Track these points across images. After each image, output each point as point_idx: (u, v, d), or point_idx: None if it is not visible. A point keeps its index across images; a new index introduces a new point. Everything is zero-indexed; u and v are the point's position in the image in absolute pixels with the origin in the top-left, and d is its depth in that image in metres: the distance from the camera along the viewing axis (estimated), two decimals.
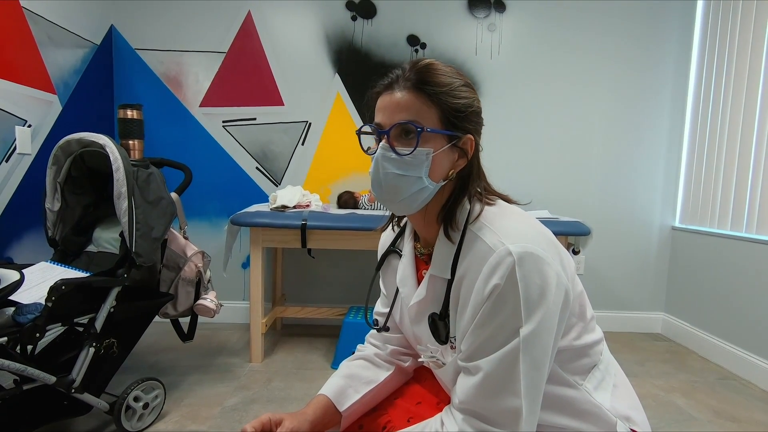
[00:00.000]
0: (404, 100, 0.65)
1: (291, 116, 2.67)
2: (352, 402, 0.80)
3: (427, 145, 0.66)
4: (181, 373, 2.00)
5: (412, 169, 0.66)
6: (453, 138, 0.67)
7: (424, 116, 0.65)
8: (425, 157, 0.66)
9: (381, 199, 0.71)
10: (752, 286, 2.11)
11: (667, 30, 2.65)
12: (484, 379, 0.62)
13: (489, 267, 0.61)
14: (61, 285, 1.23)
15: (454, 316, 0.69)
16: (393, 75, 0.68)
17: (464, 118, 0.68)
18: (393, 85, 0.67)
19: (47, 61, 2.07)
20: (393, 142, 0.67)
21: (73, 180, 1.63)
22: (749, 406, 1.85)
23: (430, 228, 0.74)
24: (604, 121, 2.70)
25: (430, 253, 0.74)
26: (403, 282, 0.79)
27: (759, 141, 2.11)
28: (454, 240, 0.68)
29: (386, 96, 0.68)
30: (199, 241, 2.47)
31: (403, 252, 0.81)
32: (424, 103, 0.65)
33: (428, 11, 2.62)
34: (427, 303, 0.73)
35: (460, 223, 0.69)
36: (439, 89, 0.65)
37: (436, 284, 0.71)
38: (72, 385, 1.30)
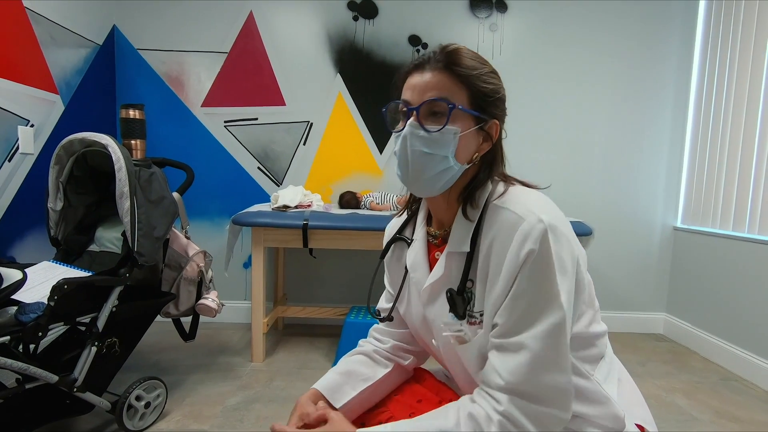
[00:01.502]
0: (435, 80, 0.66)
1: (293, 116, 2.67)
2: (349, 399, 0.79)
3: (456, 125, 0.67)
4: (183, 372, 2.01)
5: (440, 148, 0.67)
6: (480, 121, 0.69)
7: (454, 96, 0.66)
8: (453, 137, 0.67)
9: (405, 179, 0.71)
10: (754, 287, 2.11)
11: (669, 29, 2.65)
12: (533, 357, 0.60)
13: (522, 233, 0.62)
14: (63, 284, 1.24)
15: (482, 289, 0.67)
16: (423, 57, 0.69)
17: (491, 103, 0.69)
18: (423, 65, 0.68)
19: (50, 61, 2.08)
20: (422, 119, 0.67)
21: (75, 179, 1.63)
22: (751, 407, 1.85)
23: (450, 210, 0.74)
24: (606, 120, 2.69)
25: (444, 236, 0.75)
26: (415, 266, 0.78)
27: (761, 141, 2.11)
28: (472, 218, 0.69)
29: (416, 75, 0.68)
30: (201, 241, 2.47)
31: (414, 237, 0.80)
32: (455, 84, 0.66)
33: (430, 11, 2.62)
34: (445, 280, 0.72)
35: (480, 202, 0.69)
36: (469, 72, 0.67)
37: (453, 261, 0.71)
38: (74, 384, 1.31)
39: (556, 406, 0.60)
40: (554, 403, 0.60)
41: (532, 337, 0.60)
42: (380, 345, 0.90)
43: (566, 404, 0.61)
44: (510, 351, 0.62)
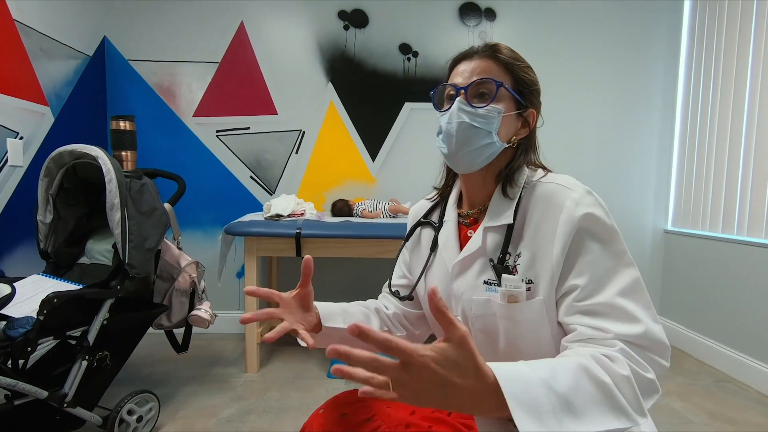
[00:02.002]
0: (483, 65, 0.75)
1: (284, 125, 2.67)
2: (335, 326, 0.83)
3: (500, 104, 0.74)
4: (176, 384, 1.98)
5: (485, 123, 0.73)
6: (520, 106, 0.76)
7: (499, 78, 0.74)
8: (497, 115, 0.73)
9: (450, 151, 0.75)
10: (745, 288, 2.13)
11: (656, 35, 2.70)
12: (624, 313, 0.62)
13: (573, 200, 0.67)
14: (53, 298, 1.22)
15: (529, 257, 0.70)
16: (470, 47, 0.77)
17: (530, 92, 0.77)
18: (470, 55, 0.76)
19: (39, 72, 2.07)
20: (470, 98, 0.74)
21: (65, 192, 1.62)
22: (745, 409, 1.86)
23: (485, 189, 0.79)
24: (596, 126, 2.73)
25: (476, 216, 0.81)
26: (447, 245, 0.82)
27: (747, 144, 2.15)
28: (512, 196, 0.74)
29: (464, 63, 0.76)
30: (194, 251, 2.46)
31: (446, 219, 0.85)
32: (501, 70, 0.75)
33: (420, 20, 2.64)
34: (480, 252, 0.75)
35: (519, 183, 0.75)
36: (513, 60, 0.76)
37: (491, 234, 0.75)
38: (64, 399, 1.29)
39: (658, 353, 0.63)
40: (657, 350, 0.62)
41: (619, 294, 0.63)
42: (384, 309, 0.95)
43: (666, 352, 0.64)
44: (600, 312, 0.63)
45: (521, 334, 0.70)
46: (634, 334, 0.61)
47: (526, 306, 0.69)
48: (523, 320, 0.69)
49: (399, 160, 2.69)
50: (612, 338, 0.61)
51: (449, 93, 0.77)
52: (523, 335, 0.70)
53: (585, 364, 0.56)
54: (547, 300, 0.68)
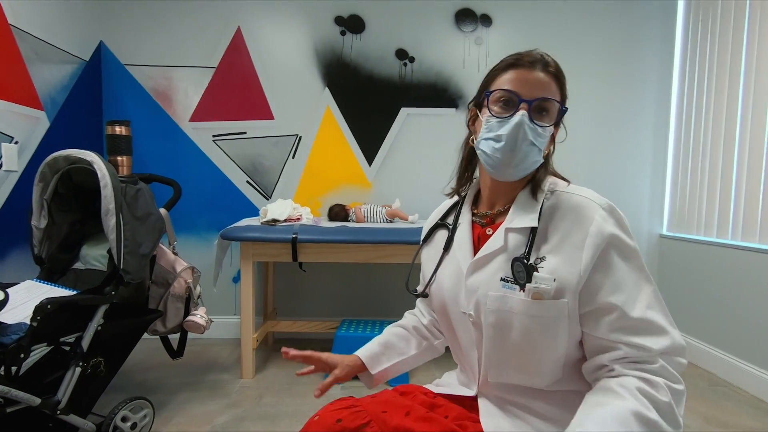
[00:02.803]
0: (545, 80, 0.76)
1: (281, 130, 2.68)
2: (383, 368, 0.94)
3: (553, 124, 0.78)
4: (171, 391, 1.97)
5: (540, 142, 0.77)
6: (556, 124, 0.80)
7: (556, 98, 0.77)
8: (549, 133, 0.78)
9: (505, 161, 0.76)
10: (740, 293, 2.14)
11: (649, 42, 2.72)
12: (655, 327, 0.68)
13: (602, 215, 0.71)
14: (46, 304, 1.22)
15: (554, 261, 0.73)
16: (529, 55, 0.78)
17: (563, 112, 0.81)
18: (533, 64, 0.77)
19: (35, 77, 2.06)
20: (532, 113, 0.75)
21: (60, 197, 1.61)
22: (739, 412, 1.87)
23: (512, 192, 0.82)
24: (590, 132, 2.74)
25: (493, 217, 0.84)
26: (460, 244, 0.85)
27: (741, 148, 2.17)
28: (539, 198, 0.78)
29: (524, 71, 0.76)
30: (189, 256, 2.45)
31: (461, 220, 0.89)
32: (557, 91, 0.78)
33: (416, 26, 2.66)
34: (500, 253, 0.78)
35: (545, 188, 0.79)
36: (564, 80, 0.80)
37: (512, 236, 0.78)
38: (57, 406, 1.28)
39: (682, 355, 0.69)
40: (681, 353, 0.69)
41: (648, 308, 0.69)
42: (422, 318, 1.01)
43: (684, 351, 0.69)
44: (638, 329, 0.68)
45: (538, 331, 0.72)
46: (666, 345, 0.67)
47: (551, 304, 0.71)
48: (545, 317, 0.71)
49: (395, 165, 2.70)
50: (653, 356, 0.67)
51: (506, 99, 0.77)
52: (540, 331, 0.72)
53: (635, 409, 0.62)
54: (571, 304, 0.71)
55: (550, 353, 0.73)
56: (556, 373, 0.74)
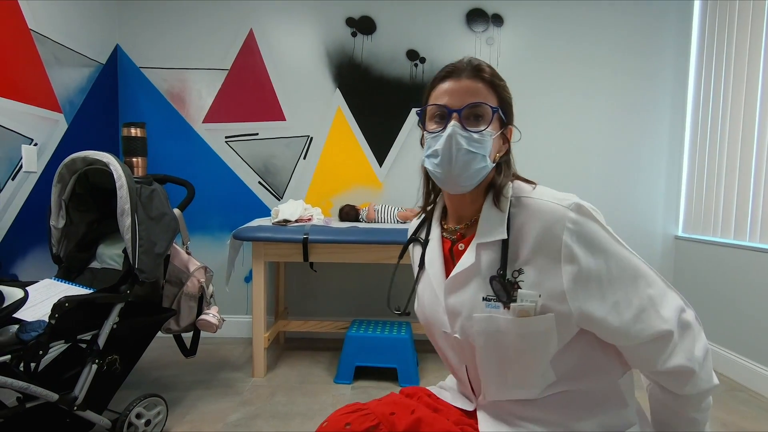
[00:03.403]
0: (473, 86, 0.74)
1: (293, 131, 2.69)
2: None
3: (491, 127, 0.75)
4: (184, 388, 2.00)
5: (479, 147, 0.74)
6: (503, 125, 0.78)
7: (489, 101, 0.75)
8: (489, 138, 0.74)
9: (447, 175, 0.75)
10: (758, 296, 2.09)
11: (665, 39, 2.67)
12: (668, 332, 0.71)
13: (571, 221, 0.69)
14: (64, 302, 1.24)
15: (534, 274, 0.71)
16: (453, 65, 0.76)
17: (510, 111, 0.79)
18: (457, 73, 0.75)
19: (53, 80, 2.11)
20: (464, 120, 0.74)
21: (77, 197, 1.65)
22: (758, 418, 1.82)
23: (474, 204, 0.80)
24: (605, 131, 2.71)
25: (463, 231, 0.81)
26: (432, 262, 0.83)
27: (759, 149, 2.12)
28: (503, 208, 0.75)
29: (451, 82, 0.75)
30: (202, 256, 2.48)
31: (430, 236, 0.86)
32: (489, 92, 0.75)
33: (427, 26, 2.66)
34: (475, 269, 0.75)
35: (508, 195, 0.76)
36: (498, 82, 0.77)
37: (484, 250, 0.75)
38: (74, 402, 1.31)
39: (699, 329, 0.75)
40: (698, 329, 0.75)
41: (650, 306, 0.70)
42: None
43: (680, 302, 0.74)
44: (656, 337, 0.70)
45: (530, 346, 0.71)
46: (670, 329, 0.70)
47: (538, 320, 0.70)
48: (535, 333, 0.70)
49: (406, 165, 2.70)
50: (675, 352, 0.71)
51: (439, 113, 0.76)
52: (532, 347, 0.71)
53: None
54: (558, 318, 0.69)
55: (544, 364, 0.73)
56: (549, 379, 0.74)
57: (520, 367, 0.74)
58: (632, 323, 0.68)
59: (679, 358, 0.70)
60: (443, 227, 0.85)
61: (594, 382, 0.75)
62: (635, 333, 0.69)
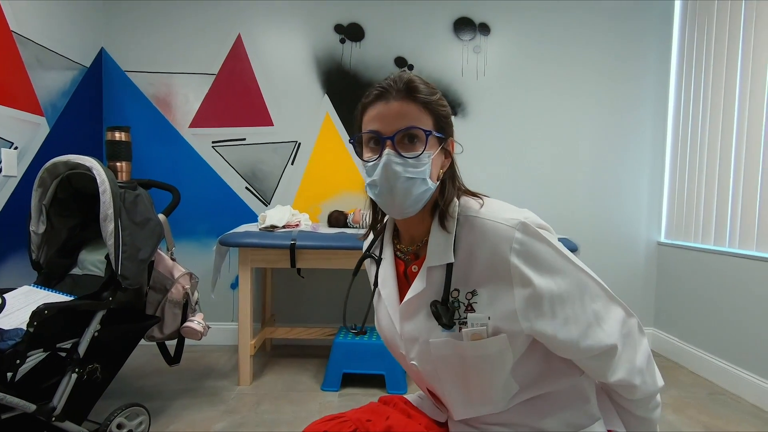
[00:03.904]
0: (403, 109, 0.70)
1: (280, 136, 2.69)
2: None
3: (428, 148, 0.71)
4: (167, 397, 1.96)
5: (418, 172, 0.71)
6: (442, 141, 0.75)
7: (422, 122, 0.71)
8: (428, 159, 0.71)
9: (389, 204, 0.73)
10: (738, 300, 2.14)
11: (646, 48, 2.74)
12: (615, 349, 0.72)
13: (518, 241, 0.67)
14: (43, 309, 1.21)
15: (486, 295, 0.71)
16: (382, 87, 0.72)
17: (448, 124, 0.76)
18: (386, 95, 0.71)
19: (36, 83, 2.08)
20: (398, 147, 0.70)
21: (59, 202, 1.61)
22: (738, 421, 1.86)
23: (423, 225, 0.77)
24: (589, 139, 2.76)
25: (416, 251, 0.79)
26: (384, 283, 0.81)
27: (737, 156, 2.18)
28: (450, 229, 0.73)
29: (381, 106, 0.71)
30: (188, 262, 2.44)
31: (383, 255, 0.83)
32: (421, 111, 0.71)
33: (415, 34, 2.68)
34: (428, 294, 0.74)
35: (455, 214, 0.74)
36: (430, 98, 0.72)
37: (435, 274, 0.74)
38: (53, 412, 1.27)
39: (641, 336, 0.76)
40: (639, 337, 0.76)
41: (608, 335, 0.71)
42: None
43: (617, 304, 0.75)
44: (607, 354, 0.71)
45: (488, 366, 0.72)
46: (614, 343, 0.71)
47: (491, 342, 0.70)
48: (489, 354, 0.70)
49: None
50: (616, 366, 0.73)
51: (373, 139, 0.73)
52: (491, 367, 0.72)
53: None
54: (511, 336, 0.70)
55: (504, 378, 0.73)
56: (512, 390, 0.74)
57: (481, 385, 0.74)
58: (581, 339, 0.69)
59: (622, 372, 0.72)
60: (396, 246, 0.82)
61: (556, 384, 0.76)
62: (584, 348, 0.70)
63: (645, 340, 0.77)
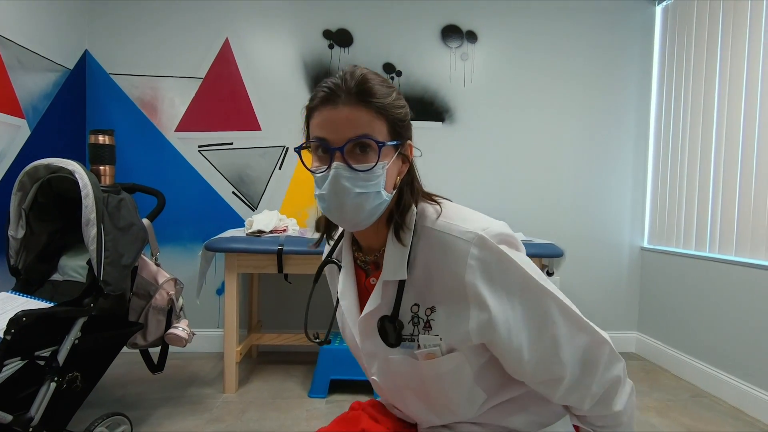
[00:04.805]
0: (354, 115, 0.63)
1: (268, 141, 2.67)
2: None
3: (382, 159, 0.65)
4: (150, 406, 1.92)
5: (371, 185, 0.64)
6: (398, 147, 0.68)
7: (375, 130, 0.64)
8: (382, 171, 0.65)
9: (339, 219, 0.67)
10: (718, 304, 2.19)
11: (628, 56, 2.80)
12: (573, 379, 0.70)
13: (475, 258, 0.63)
14: (21, 316, 1.18)
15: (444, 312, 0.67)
16: (329, 88, 0.63)
17: (405, 127, 0.68)
18: (334, 99, 0.63)
19: (16, 85, 2.03)
20: (348, 158, 0.63)
21: (39, 206, 1.58)
22: (719, 422, 1.89)
23: (379, 235, 0.72)
24: (573, 146, 2.80)
25: (376, 261, 0.74)
26: (344, 294, 0.77)
27: (716, 166, 2.23)
28: (405, 242, 0.68)
29: (329, 111, 0.63)
30: (173, 268, 2.40)
31: (343, 263, 0.78)
32: (374, 117, 0.63)
33: (403, 41, 2.70)
34: (384, 309, 0.70)
35: (411, 225, 0.69)
36: (384, 101, 0.64)
37: (389, 289, 0.70)
38: (30, 423, 1.23)
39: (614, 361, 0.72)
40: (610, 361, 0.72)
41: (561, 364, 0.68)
42: None
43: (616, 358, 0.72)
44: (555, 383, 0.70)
45: (447, 382, 0.70)
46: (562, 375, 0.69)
47: (446, 360, 0.68)
48: (444, 373, 0.69)
49: None
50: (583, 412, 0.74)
51: (321, 147, 0.65)
52: (449, 382, 0.70)
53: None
54: (467, 353, 0.68)
55: (467, 389, 0.71)
56: (479, 399, 0.73)
57: (443, 399, 0.72)
58: (530, 366, 0.67)
59: (571, 398, 0.71)
60: (356, 254, 0.77)
61: (524, 386, 0.74)
62: (531, 373, 0.69)
63: (616, 366, 0.72)
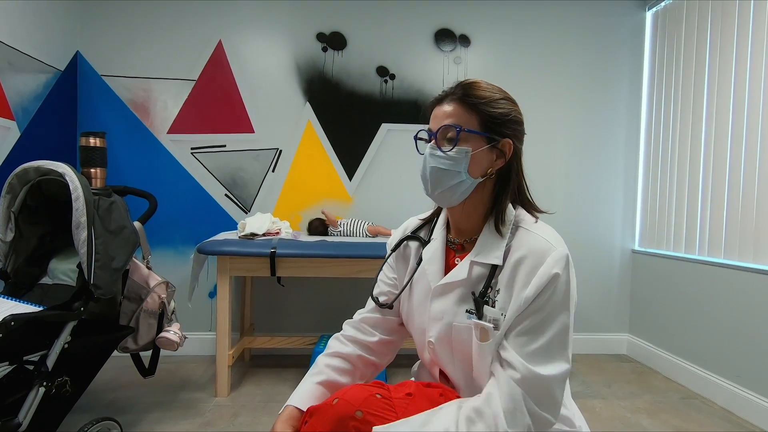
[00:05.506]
0: (450, 110, 0.80)
1: (261, 143, 2.67)
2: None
3: (467, 145, 0.79)
4: (141, 411, 1.90)
5: (453, 165, 0.79)
6: (491, 140, 0.80)
7: (464, 122, 0.79)
8: (464, 155, 0.79)
9: (426, 190, 0.83)
10: (707, 307, 2.21)
11: (619, 67, 2.83)
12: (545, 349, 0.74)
13: (552, 258, 0.73)
14: (10, 320, 1.17)
15: (506, 295, 0.76)
16: (444, 91, 0.84)
17: (502, 124, 0.81)
18: (443, 99, 0.82)
19: (6, 86, 2.01)
20: (439, 142, 0.80)
21: (29, 209, 1.56)
22: (709, 424, 1.91)
23: (470, 220, 0.85)
24: (565, 149, 2.82)
25: (462, 243, 0.87)
26: (432, 261, 0.87)
27: (705, 171, 2.26)
28: (503, 234, 0.79)
29: (437, 108, 0.83)
30: (165, 271, 2.39)
31: (434, 237, 0.91)
32: (466, 112, 0.79)
33: (397, 44, 2.71)
34: (465, 283, 0.81)
35: (508, 221, 0.81)
36: (479, 100, 0.79)
37: (476, 269, 0.80)
38: (18, 429, 1.21)
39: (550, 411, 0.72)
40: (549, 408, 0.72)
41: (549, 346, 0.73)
42: (368, 338, 0.95)
43: (556, 411, 0.74)
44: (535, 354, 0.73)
45: (488, 359, 0.77)
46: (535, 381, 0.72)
47: (492, 343, 0.75)
48: (487, 354, 0.76)
49: (376, 180, 2.72)
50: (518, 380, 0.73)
51: (423, 137, 0.84)
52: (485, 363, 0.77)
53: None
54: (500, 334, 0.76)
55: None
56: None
57: (482, 378, 0.78)
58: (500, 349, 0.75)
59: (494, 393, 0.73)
60: (447, 235, 0.90)
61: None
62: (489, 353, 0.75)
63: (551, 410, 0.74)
